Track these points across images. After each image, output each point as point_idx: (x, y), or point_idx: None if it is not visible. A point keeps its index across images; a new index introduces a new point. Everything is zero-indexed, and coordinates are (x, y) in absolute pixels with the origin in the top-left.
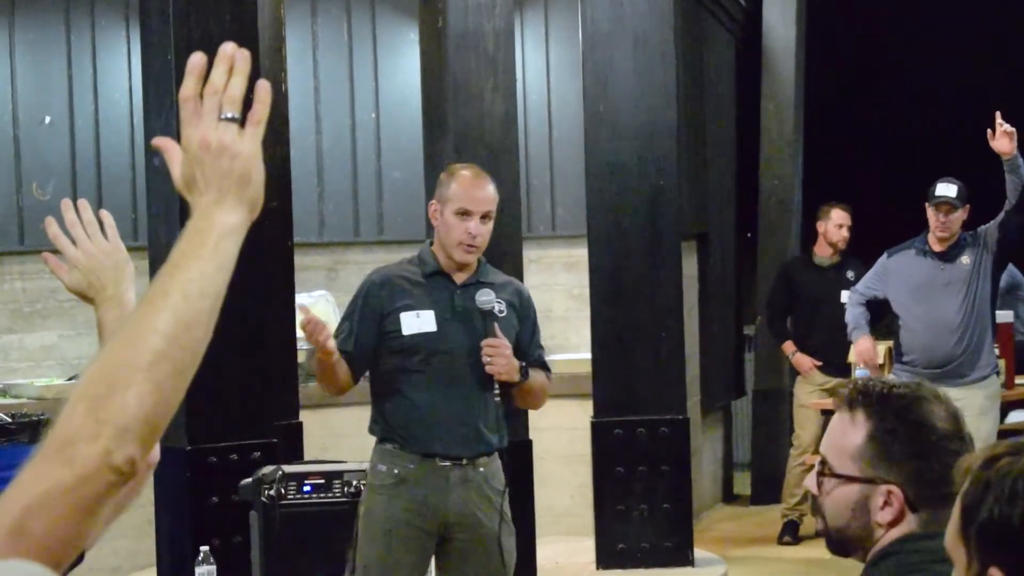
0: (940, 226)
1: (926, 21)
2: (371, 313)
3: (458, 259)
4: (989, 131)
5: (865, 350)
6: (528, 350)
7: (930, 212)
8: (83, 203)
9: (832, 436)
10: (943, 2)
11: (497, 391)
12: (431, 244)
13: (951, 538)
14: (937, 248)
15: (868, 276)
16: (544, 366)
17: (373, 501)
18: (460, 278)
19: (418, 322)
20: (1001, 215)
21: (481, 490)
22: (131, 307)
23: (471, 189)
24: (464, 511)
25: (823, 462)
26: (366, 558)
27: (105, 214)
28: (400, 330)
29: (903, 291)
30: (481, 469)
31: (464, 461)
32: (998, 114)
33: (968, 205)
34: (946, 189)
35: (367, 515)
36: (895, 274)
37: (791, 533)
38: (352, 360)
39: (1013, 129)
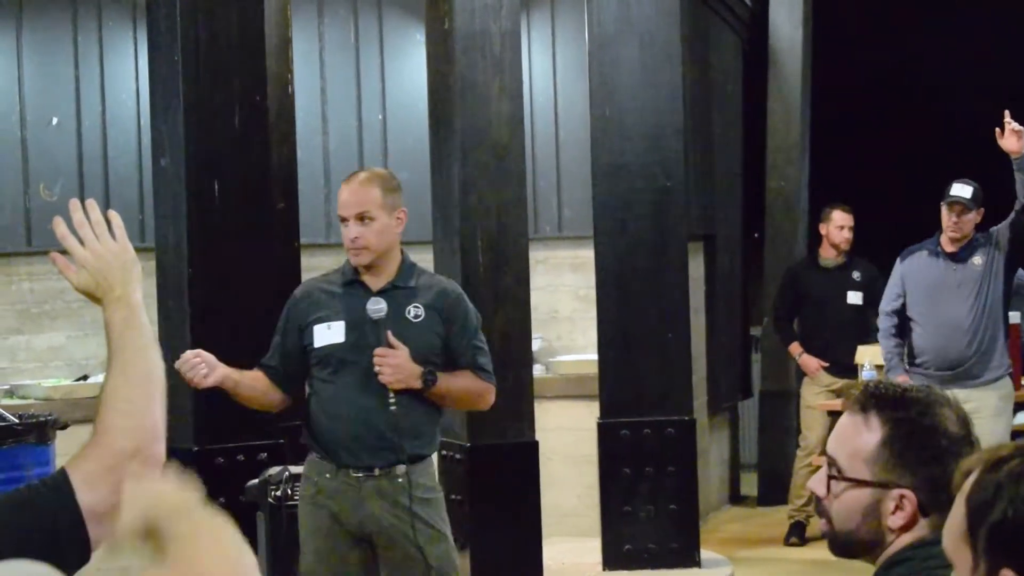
0: (952, 226)
1: (933, 21)
2: (293, 327)
3: (353, 264)
4: (997, 130)
5: None
6: (459, 352)
7: (944, 212)
8: (91, 203)
9: (843, 438)
10: (950, 1)
11: (392, 400)
12: None
13: (952, 540)
14: (949, 249)
15: (888, 287)
16: (478, 367)
17: (301, 511)
18: (376, 284)
19: (328, 334)
20: (1012, 215)
21: (398, 500)
22: (139, 308)
23: (340, 195)
24: (381, 523)
25: (832, 464)
26: (303, 567)
27: (113, 214)
28: (313, 343)
29: (916, 292)
30: (399, 479)
31: (377, 471)
32: (1007, 113)
33: (982, 208)
34: (960, 190)
35: (300, 525)
36: (908, 275)
37: (798, 534)
38: (279, 374)
39: (1021, 128)
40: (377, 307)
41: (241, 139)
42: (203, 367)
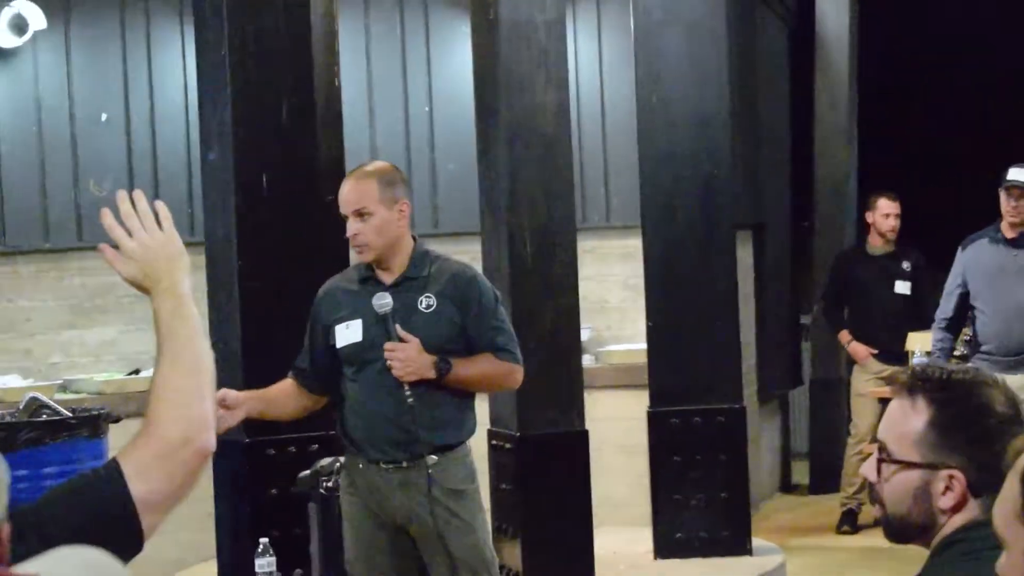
0: (1012, 210)
1: (981, 7)
2: (318, 328)
3: (362, 259)
4: None
5: None
6: (478, 335)
7: (1002, 197)
8: (138, 194)
9: (891, 422)
10: None
11: (409, 393)
12: None
13: (1006, 518)
14: (1009, 235)
15: (949, 278)
16: (498, 348)
17: (342, 502)
18: (388, 279)
19: (348, 333)
20: None
21: (426, 491)
22: (186, 298)
23: (340, 191)
24: (409, 513)
25: (882, 448)
26: (347, 556)
27: (160, 205)
28: (336, 343)
29: (978, 279)
30: (430, 470)
31: (404, 464)
32: None
33: None
34: (1018, 173)
35: (343, 515)
36: (970, 263)
37: (850, 522)
38: (310, 377)
39: None
40: (382, 302)
41: (288, 132)
42: (221, 416)
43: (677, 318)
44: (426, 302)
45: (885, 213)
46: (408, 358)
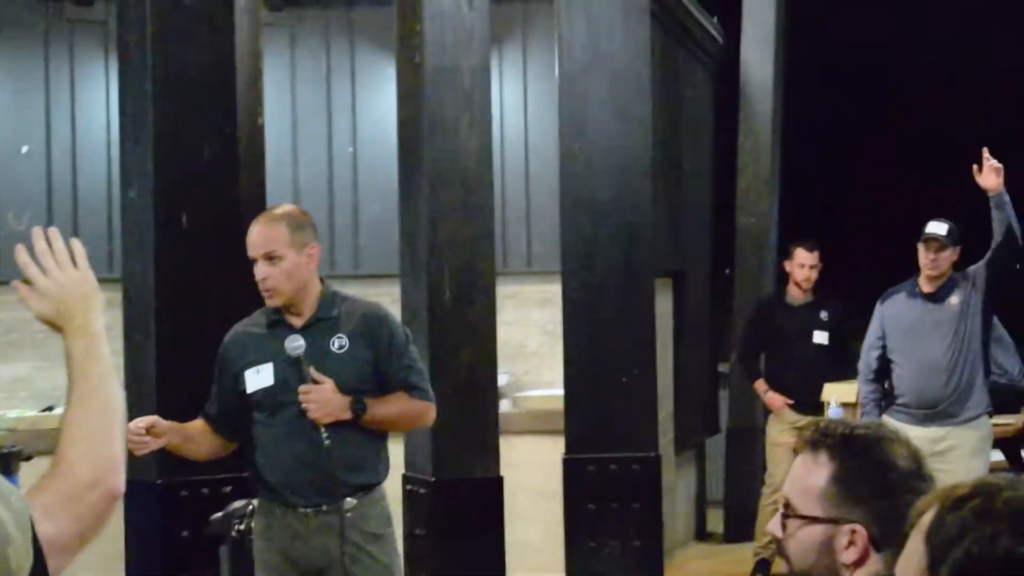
0: (930, 264)
1: (904, 60)
2: (227, 375)
3: (267, 304)
4: (975, 167)
5: None
6: (390, 374)
7: (920, 250)
8: (54, 231)
9: (795, 477)
10: (921, 42)
11: (326, 435)
12: None
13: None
14: (927, 289)
15: (869, 331)
16: (411, 387)
17: (255, 548)
18: (298, 322)
19: (259, 378)
20: (989, 253)
21: (345, 534)
22: (99, 338)
23: (248, 235)
24: (327, 557)
25: (787, 504)
26: None
27: (75, 243)
28: (246, 388)
29: (895, 333)
30: (349, 514)
31: (323, 507)
32: (985, 150)
33: (959, 247)
34: (936, 227)
35: (255, 562)
36: (888, 317)
37: (763, 571)
38: (219, 423)
39: (1000, 165)
40: (295, 344)
41: (210, 171)
42: (147, 441)
43: (595, 365)
44: (338, 343)
45: (801, 263)
46: (323, 400)
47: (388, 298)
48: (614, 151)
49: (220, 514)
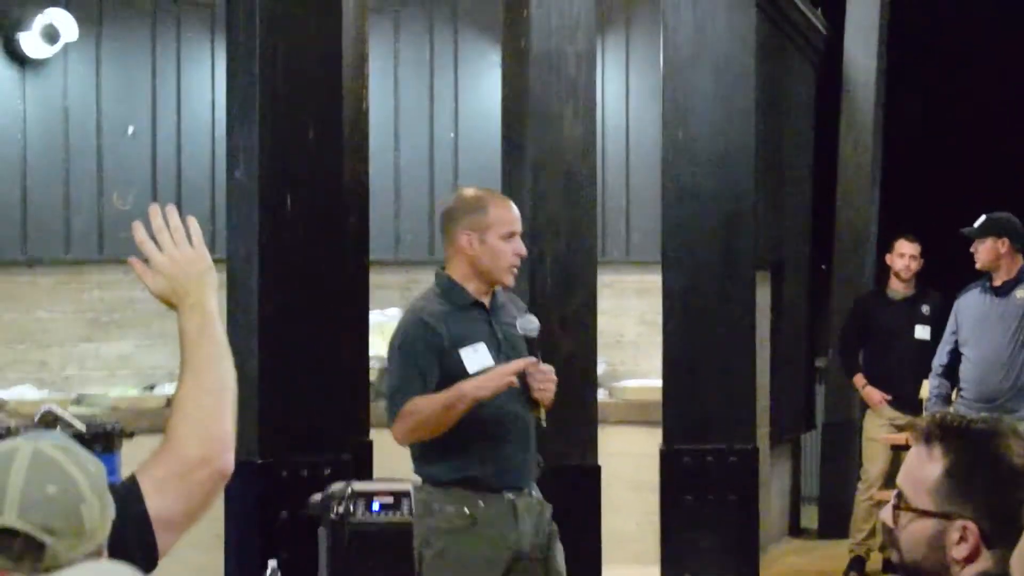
0: (976, 257)
1: (1009, 55)
2: (434, 356)
3: (507, 283)
4: None
5: None
6: None
7: None
8: (171, 209)
9: (909, 469)
10: None
11: (545, 417)
12: (447, 275)
13: None
14: (996, 282)
15: (947, 325)
16: None
17: (455, 544)
18: (487, 303)
19: (477, 357)
20: None
21: (540, 513)
22: (213, 316)
23: (512, 210)
24: (530, 541)
25: (899, 495)
26: None
27: (192, 221)
28: (465, 368)
29: (965, 326)
30: (535, 493)
31: (525, 490)
32: None
33: (1003, 237)
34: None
35: (455, 559)
36: (961, 311)
37: (858, 568)
38: None
39: None
40: (532, 325)
41: (315, 153)
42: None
43: (693, 355)
44: (512, 328)
45: (901, 253)
46: (554, 381)
47: None
48: (717, 141)
49: (319, 495)
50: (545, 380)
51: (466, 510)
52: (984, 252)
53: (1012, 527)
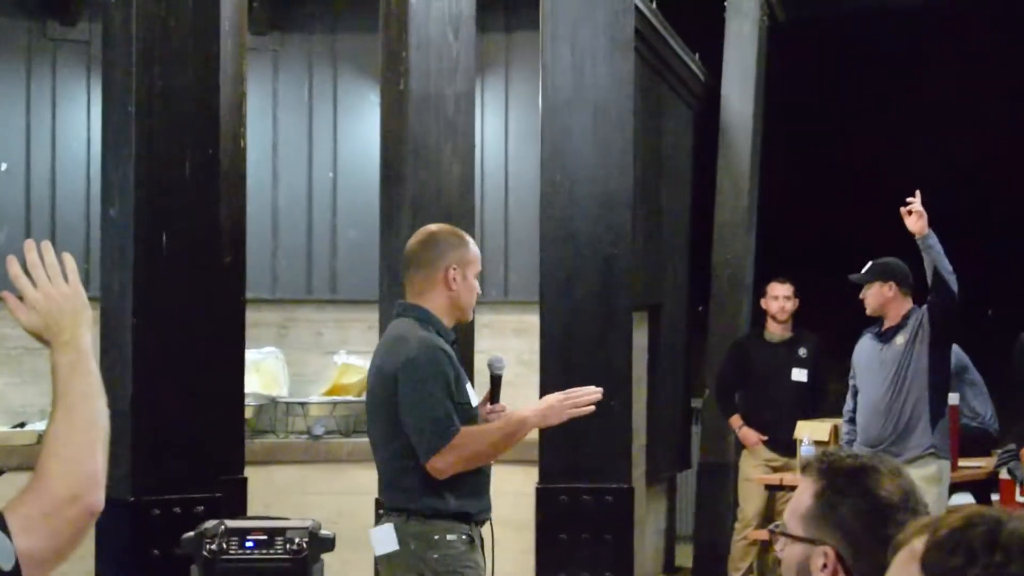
0: (865, 304)
1: (884, 100)
2: (450, 385)
3: (468, 319)
4: (903, 209)
5: None
6: None
7: None
8: (46, 245)
9: (792, 498)
10: (900, 83)
11: None
12: (425, 309)
13: None
14: (883, 327)
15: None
16: None
17: (450, 571)
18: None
19: (471, 392)
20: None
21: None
22: (87, 353)
23: (475, 249)
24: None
25: (779, 523)
26: None
27: (67, 257)
28: (470, 402)
29: (858, 372)
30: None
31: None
32: (915, 196)
33: (891, 281)
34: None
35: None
36: (856, 357)
37: None
38: None
39: (922, 209)
40: (501, 364)
41: (191, 191)
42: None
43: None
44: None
45: (775, 295)
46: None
47: (364, 324)
48: (595, 183)
49: (192, 533)
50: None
51: (463, 536)
52: (872, 297)
53: (873, 559)
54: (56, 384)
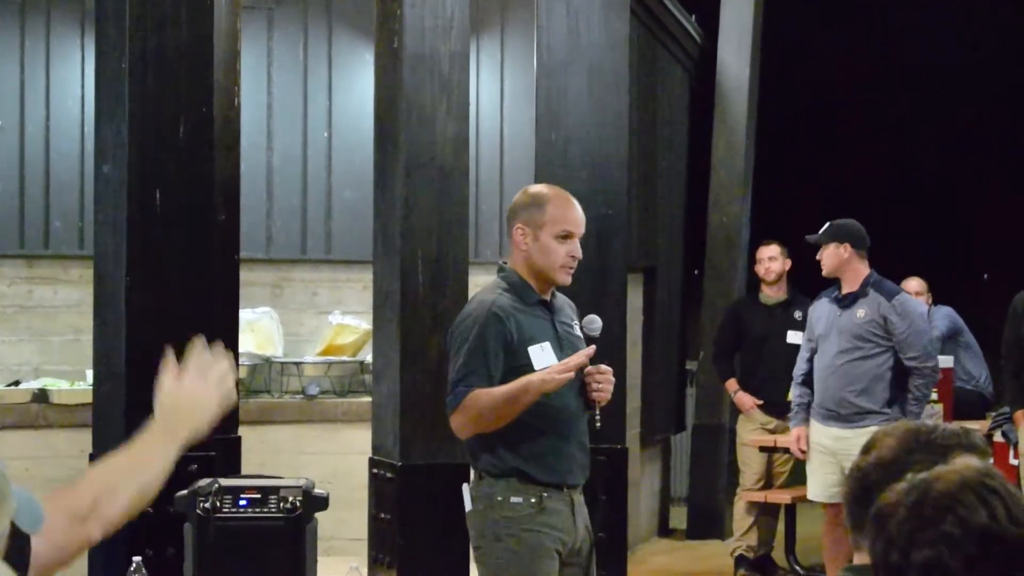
0: (822, 265)
1: (880, 64)
2: (500, 348)
3: (561, 281)
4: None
5: (793, 442)
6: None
7: None
8: (220, 351)
9: None
10: (895, 48)
11: (599, 417)
12: (513, 271)
13: None
14: (841, 291)
15: (805, 332)
16: None
17: (513, 533)
18: (549, 304)
19: (543, 355)
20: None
21: (584, 515)
22: (178, 444)
23: (570, 211)
24: (581, 538)
25: None
26: None
27: (225, 364)
28: (531, 365)
29: (815, 334)
30: (580, 495)
31: (579, 488)
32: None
33: (842, 242)
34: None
35: (509, 551)
36: (813, 319)
37: (745, 566)
38: None
39: None
40: (595, 325)
41: (185, 149)
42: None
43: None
44: (575, 328)
45: (760, 257)
46: (611, 382)
47: (359, 284)
48: (590, 143)
49: (185, 492)
50: (604, 380)
51: (533, 499)
52: (827, 258)
53: None
54: (140, 446)
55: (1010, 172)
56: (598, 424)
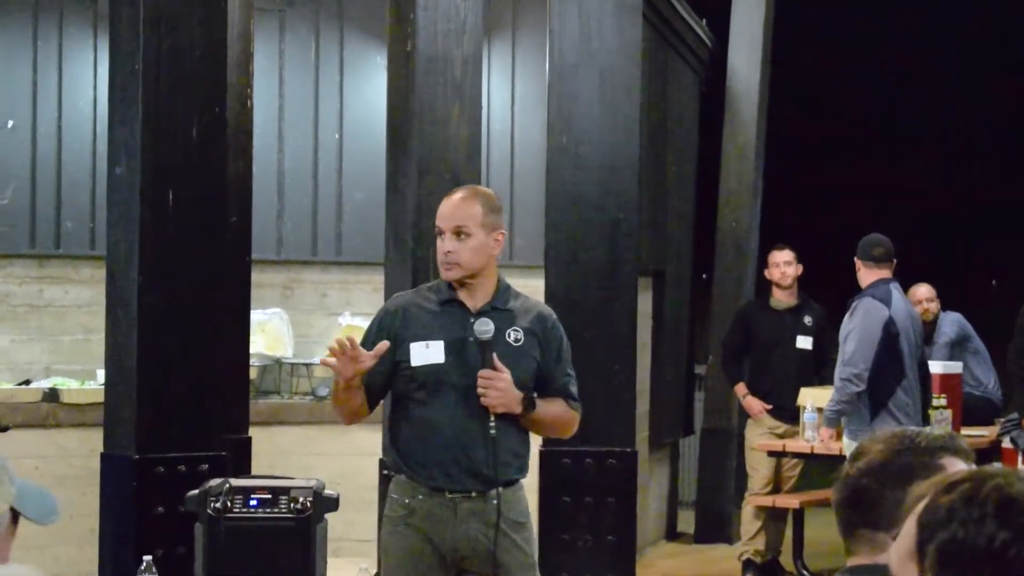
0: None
1: (890, 70)
2: (384, 339)
3: (444, 279)
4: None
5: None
6: (552, 378)
7: None
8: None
9: None
10: (906, 55)
11: (493, 424)
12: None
13: (899, 558)
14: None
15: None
16: (570, 395)
17: (389, 534)
18: (474, 305)
19: (427, 353)
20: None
21: (494, 522)
22: None
23: (441, 208)
24: (475, 544)
25: None
26: None
27: None
28: (409, 360)
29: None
30: (493, 501)
31: (472, 494)
32: None
33: (856, 256)
34: None
35: (383, 547)
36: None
37: (753, 570)
38: (366, 390)
39: None
40: (485, 328)
41: (198, 150)
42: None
43: (575, 359)
44: (514, 335)
45: (775, 263)
46: (503, 389)
47: (368, 286)
48: (601, 147)
49: (196, 491)
50: (490, 385)
51: (407, 500)
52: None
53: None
54: None
55: (1020, 179)
56: (492, 431)
